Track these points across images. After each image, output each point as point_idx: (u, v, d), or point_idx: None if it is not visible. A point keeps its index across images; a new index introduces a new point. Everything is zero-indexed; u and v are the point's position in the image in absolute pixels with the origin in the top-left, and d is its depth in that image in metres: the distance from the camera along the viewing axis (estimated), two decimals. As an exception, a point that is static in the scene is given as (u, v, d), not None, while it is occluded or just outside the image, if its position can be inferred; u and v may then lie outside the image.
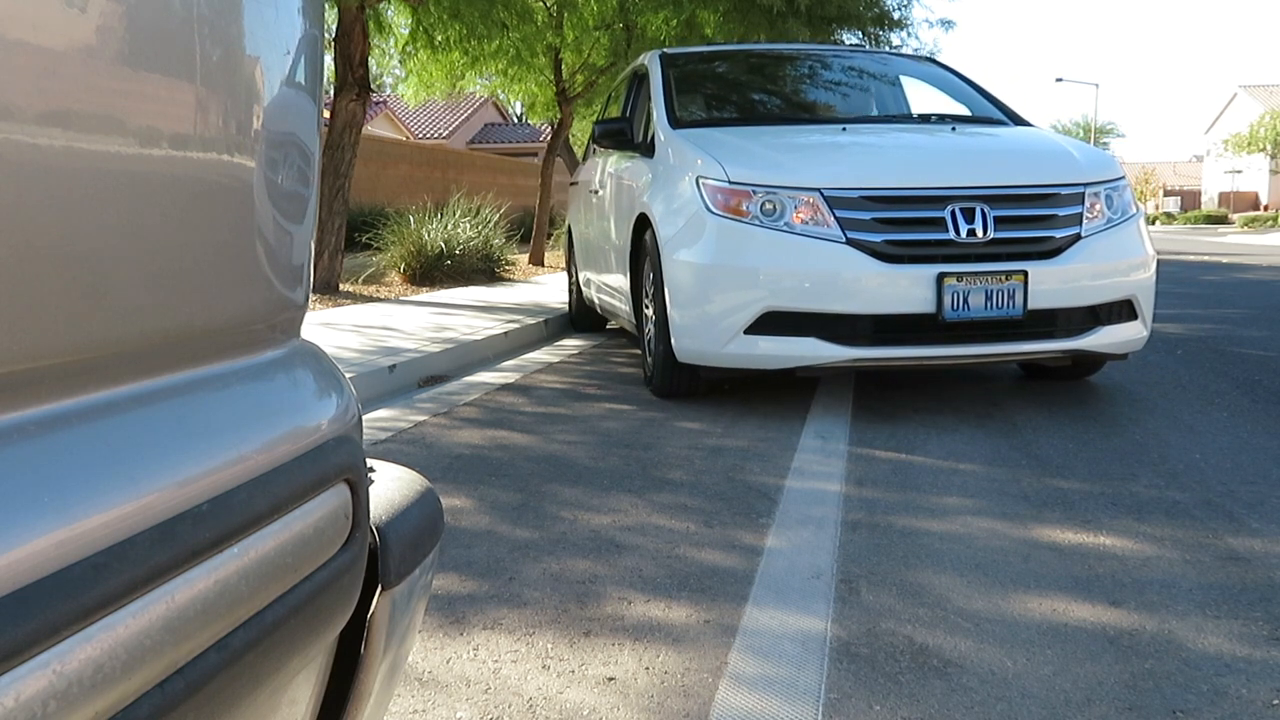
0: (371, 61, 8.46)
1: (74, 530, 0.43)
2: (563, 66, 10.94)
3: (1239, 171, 53.05)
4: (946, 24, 15.44)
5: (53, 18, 0.43)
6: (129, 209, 0.49)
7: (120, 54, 0.47)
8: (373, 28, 7.89)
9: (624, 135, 4.53)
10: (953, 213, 3.31)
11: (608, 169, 4.94)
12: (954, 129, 4.09)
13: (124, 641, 0.44)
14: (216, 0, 0.55)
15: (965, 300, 3.23)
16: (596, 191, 5.17)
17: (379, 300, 7.00)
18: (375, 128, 25.57)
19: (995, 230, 3.32)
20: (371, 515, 0.72)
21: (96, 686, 0.42)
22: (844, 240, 3.29)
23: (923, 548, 2.13)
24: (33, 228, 0.43)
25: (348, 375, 1.07)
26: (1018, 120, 4.46)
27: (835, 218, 3.32)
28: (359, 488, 0.68)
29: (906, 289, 3.24)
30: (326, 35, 4.61)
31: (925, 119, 4.51)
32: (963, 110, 4.60)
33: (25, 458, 0.43)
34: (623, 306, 4.57)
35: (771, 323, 3.33)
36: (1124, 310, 3.52)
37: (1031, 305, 3.29)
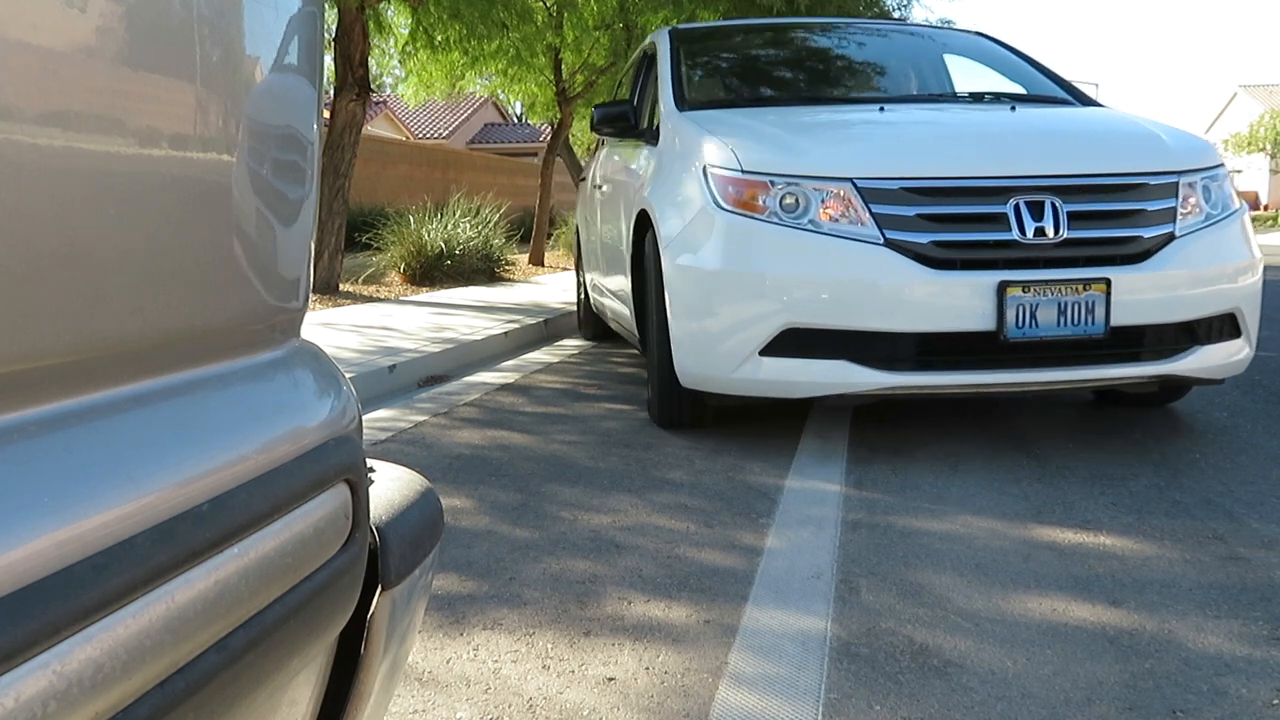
0: (371, 61, 8.46)
1: (74, 530, 0.43)
2: (563, 66, 10.95)
3: (1239, 171, 53.04)
4: (946, 24, 15.44)
5: (53, 18, 0.43)
6: (129, 209, 0.49)
7: (120, 54, 0.47)
8: (373, 28, 7.89)
9: (626, 120, 3.93)
10: (1016, 207, 2.75)
11: (610, 160, 4.46)
12: (1013, 108, 3.43)
13: (124, 642, 0.44)
14: (216, 0, 0.55)
15: (1033, 315, 2.67)
16: (600, 187, 4.66)
17: (379, 300, 6.99)
18: (375, 128, 25.57)
19: (1069, 229, 2.75)
20: (371, 515, 0.72)
21: (96, 686, 0.42)
22: (882, 241, 2.73)
23: (923, 548, 2.13)
24: (32, 228, 0.43)
25: (348, 375, 1.07)
26: (1086, 100, 3.76)
27: (871, 214, 2.76)
28: (359, 488, 0.68)
29: (960, 301, 2.68)
30: (326, 35, 4.61)
31: (978, 98, 3.80)
32: (1018, 90, 3.94)
33: (25, 458, 0.43)
34: (625, 312, 4.11)
35: (793, 342, 2.77)
36: (1226, 326, 2.90)
37: (1115, 321, 2.71)
